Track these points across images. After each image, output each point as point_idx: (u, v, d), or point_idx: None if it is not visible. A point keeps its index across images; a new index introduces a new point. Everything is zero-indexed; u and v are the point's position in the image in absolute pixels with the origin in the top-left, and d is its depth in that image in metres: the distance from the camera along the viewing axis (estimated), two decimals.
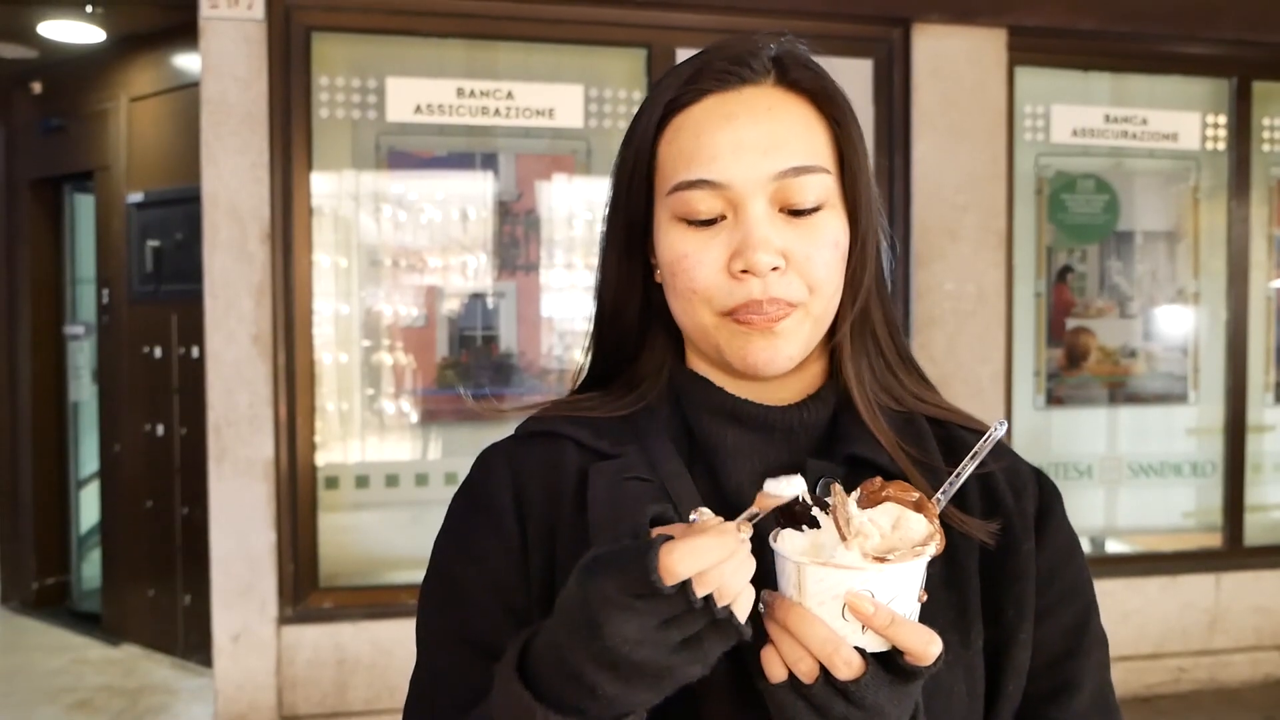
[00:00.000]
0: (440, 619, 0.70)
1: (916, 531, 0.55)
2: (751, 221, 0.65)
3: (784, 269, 0.65)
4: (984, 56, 3.35)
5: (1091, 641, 0.70)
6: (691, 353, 0.74)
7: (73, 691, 3.52)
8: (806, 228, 0.67)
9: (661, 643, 0.51)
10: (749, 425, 0.70)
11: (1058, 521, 0.71)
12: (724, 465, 0.69)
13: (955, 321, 3.34)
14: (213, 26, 2.91)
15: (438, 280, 3.23)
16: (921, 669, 0.53)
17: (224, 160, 2.93)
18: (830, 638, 0.52)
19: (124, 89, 3.90)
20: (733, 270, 0.65)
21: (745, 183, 0.65)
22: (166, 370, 3.79)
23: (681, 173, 0.67)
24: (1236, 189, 3.68)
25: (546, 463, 0.71)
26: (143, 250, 3.84)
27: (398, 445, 3.27)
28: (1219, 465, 3.73)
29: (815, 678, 0.53)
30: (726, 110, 0.67)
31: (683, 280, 0.67)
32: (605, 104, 3.24)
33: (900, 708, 0.54)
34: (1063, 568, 0.70)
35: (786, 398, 0.71)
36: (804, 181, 0.66)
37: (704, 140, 0.67)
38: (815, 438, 0.71)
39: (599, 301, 0.75)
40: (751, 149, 0.66)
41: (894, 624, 0.52)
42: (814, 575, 0.53)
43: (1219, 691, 3.56)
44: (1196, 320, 3.73)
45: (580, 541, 0.66)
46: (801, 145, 0.67)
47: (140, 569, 3.91)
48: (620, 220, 0.72)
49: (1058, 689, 0.68)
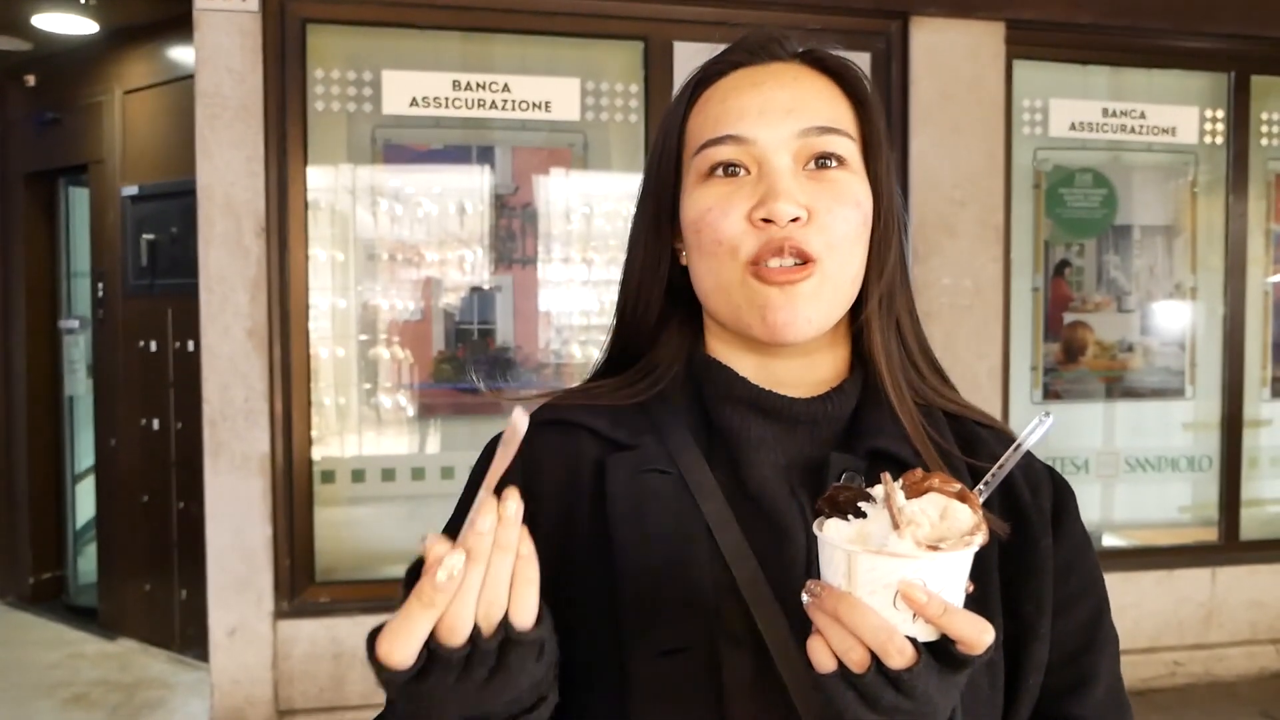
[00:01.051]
0: None
1: (964, 521, 0.54)
2: (775, 174, 0.66)
3: (805, 221, 0.66)
4: (982, 50, 3.34)
5: (1105, 636, 0.71)
6: (711, 339, 0.74)
7: (69, 686, 3.52)
8: (829, 184, 0.67)
9: (469, 693, 0.51)
10: (772, 417, 0.69)
11: (1073, 518, 0.72)
12: (746, 457, 0.69)
13: (952, 316, 3.34)
14: (207, 19, 2.89)
15: (434, 274, 3.22)
16: (973, 658, 0.52)
17: (219, 153, 2.91)
18: (884, 626, 0.51)
19: (118, 82, 3.88)
20: (754, 219, 0.66)
21: (770, 139, 0.67)
22: (162, 364, 3.78)
23: (708, 133, 0.68)
24: (1234, 184, 3.68)
25: (560, 451, 0.70)
26: (138, 244, 3.83)
27: (394, 439, 3.26)
28: (1215, 460, 3.74)
29: (867, 667, 0.52)
30: (754, 79, 0.69)
31: (707, 233, 0.68)
32: (602, 97, 3.22)
33: (947, 698, 0.54)
34: (1079, 563, 0.71)
35: (810, 388, 0.71)
36: (828, 139, 0.67)
37: (730, 103, 0.68)
38: (838, 430, 0.70)
39: (624, 283, 0.75)
40: (777, 108, 0.67)
41: (947, 613, 0.51)
42: (866, 564, 0.52)
43: (1214, 685, 3.57)
44: (1194, 315, 3.73)
45: (600, 534, 0.66)
46: (826, 110, 0.68)
47: (136, 563, 3.90)
48: (650, 201, 0.73)
49: (1075, 683, 0.68)
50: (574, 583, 0.65)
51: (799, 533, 0.66)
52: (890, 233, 0.71)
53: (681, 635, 0.63)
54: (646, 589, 0.64)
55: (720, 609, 0.63)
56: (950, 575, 0.53)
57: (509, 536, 0.51)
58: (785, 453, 0.69)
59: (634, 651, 0.63)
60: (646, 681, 0.62)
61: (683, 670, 0.62)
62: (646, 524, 0.65)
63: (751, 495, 0.67)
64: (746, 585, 0.64)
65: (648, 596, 0.63)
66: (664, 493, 0.66)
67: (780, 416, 0.69)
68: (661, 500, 0.66)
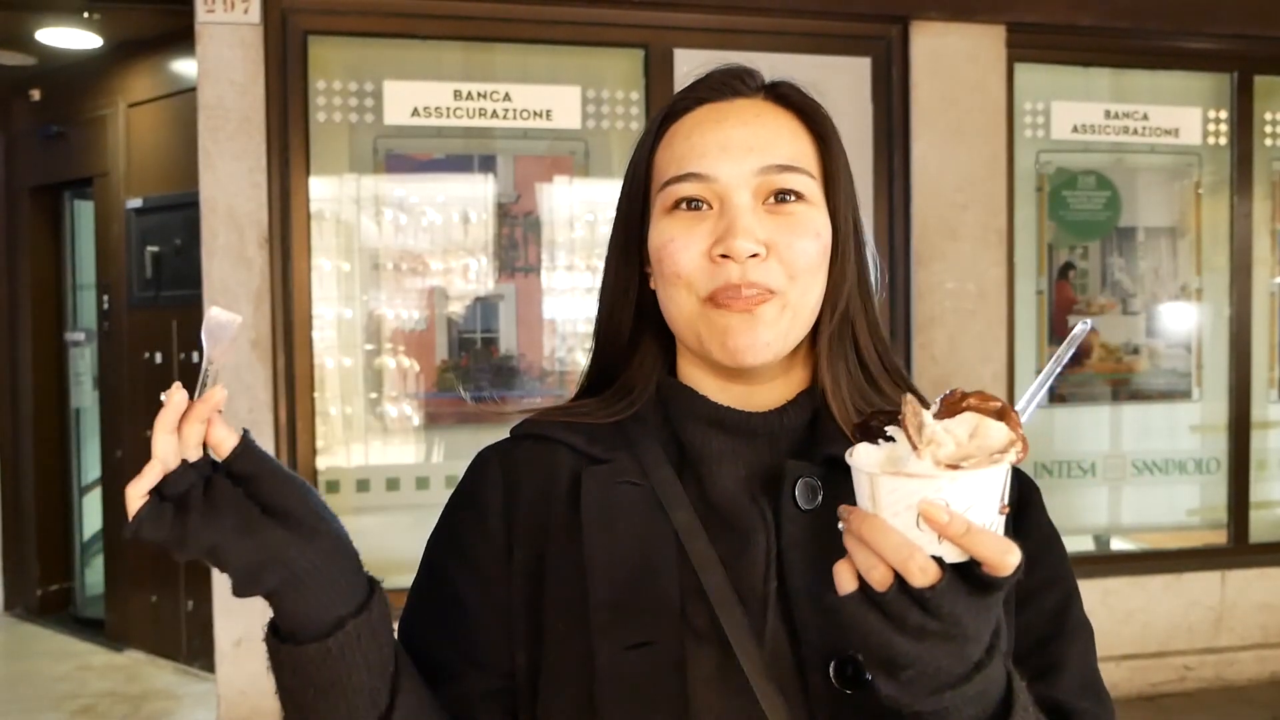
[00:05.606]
0: (422, 604, 0.76)
1: (996, 439, 0.53)
2: (735, 211, 0.69)
3: (764, 257, 0.68)
4: (983, 53, 3.34)
5: (1075, 626, 0.72)
6: (682, 360, 0.77)
7: (76, 698, 3.52)
8: (788, 218, 0.70)
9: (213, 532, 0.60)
10: (732, 431, 0.73)
11: (1037, 512, 0.74)
12: (709, 470, 0.72)
13: (956, 320, 3.33)
14: (209, 31, 2.90)
15: (437, 283, 3.22)
16: (1000, 579, 0.52)
17: (222, 165, 2.92)
18: (904, 544, 0.51)
19: (122, 95, 3.90)
20: (713, 255, 0.69)
21: (731, 176, 0.69)
22: (167, 376, 3.79)
23: (673, 170, 0.71)
24: (1239, 184, 3.66)
25: (540, 464, 0.74)
26: (142, 256, 3.84)
27: (399, 449, 3.26)
28: (1223, 462, 3.71)
29: (889, 585, 0.52)
30: (717, 115, 0.72)
31: (668, 265, 0.71)
32: (603, 105, 3.23)
33: (979, 620, 0.53)
34: (1044, 555, 0.73)
35: (769, 404, 0.74)
36: (787, 177, 0.70)
37: (694, 140, 0.71)
38: (796, 441, 0.73)
39: (599, 306, 0.79)
40: (738, 146, 0.70)
41: (969, 533, 0.51)
42: (886, 485, 0.52)
43: (1225, 690, 3.54)
44: (1199, 317, 3.71)
45: (573, 540, 0.69)
46: (786, 148, 0.71)
47: (143, 575, 3.90)
48: (620, 228, 0.77)
49: (1044, 669, 0.70)
50: (548, 587, 0.70)
51: (760, 537, 0.69)
52: (846, 263, 0.73)
53: (648, 630, 0.66)
54: (616, 590, 0.67)
55: (685, 609, 0.67)
56: (977, 495, 0.52)
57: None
58: (746, 464, 0.72)
59: (602, 646, 0.66)
60: (614, 674, 0.65)
61: (649, 663, 0.66)
62: (618, 531, 0.69)
63: (715, 505, 0.70)
64: (713, 589, 0.67)
65: (617, 596, 0.67)
66: (636, 503, 0.70)
67: (739, 431, 0.72)
68: (633, 510, 0.70)
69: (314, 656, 0.62)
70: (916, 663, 0.52)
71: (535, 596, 0.70)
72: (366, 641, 0.63)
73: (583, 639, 0.67)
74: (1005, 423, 0.54)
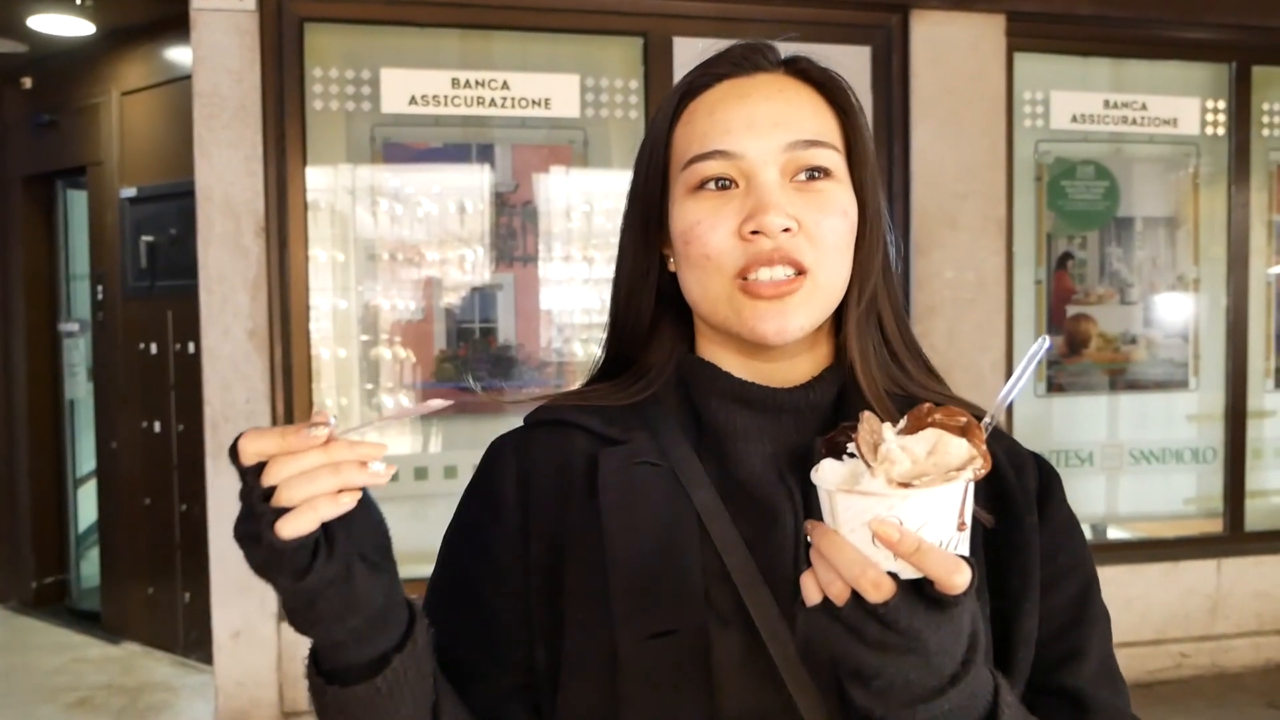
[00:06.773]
0: (440, 601, 0.74)
1: (954, 456, 0.54)
2: (764, 188, 0.67)
3: (795, 232, 0.67)
4: (983, 43, 3.33)
5: (1095, 613, 0.72)
6: (701, 339, 0.76)
7: (73, 690, 3.51)
8: (816, 195, 0.69)
9: (244, 527, 0.59)
10: (758, 408, 0.71)
11: (1058, 500, 0.74)
12: (735, 448, 0.71)
13: (955, 310, 3.33)
14: (204, 18, 2.87)
15: (434, 273, 3.21)
16: (950, 598, 0.52)
17: (217, 154, 2.90)
18: (857, 560, 0.52)
19: (115, 83, 3.86)
20: (743, 233, 0.67)
21: (758, 154, 0.68)
22: (163, 366, 3.77)
23: (696, 148, 0.70)
24: (1236, 174, 3.67)
25: (555, 450, 0.72)
26: (137, 246, 3.81)
27: (396, 439, 3.26)
28: (1220, 451, 3.73)
29: (846, 599, 0.53)
30: (740, 91, 0.70)
31: (696, 247, 0.69)
32: (602, 93, 3.21)
33: (942, 635, 0.53)
34: (1066, 543, 0.72)
35: (794, 382, 0.73)
36: (814, 153, 0.69)
37: (718, 116, 0.69)
38: (822, 418, 0.72)
39: (615, 291, 0.77)
40: (764, 122, 0.69)
41: (920, 550, 0.51)
42: (843, 503, 0.54)
43: (1221, 677, 3.56)
44: (1197, 306, 3.72)
45: (591, 526, 0.68)
46: (811, 122, 0.70)
47: (139, 566, 3.89)
48: (637, 209, 0.75)
49: (1066, 656, 0.70)
50: (567, 577, 0.68)
51: (788, 517, 0.67)
52: (875, 239, 0.73)
53: (671, 618, 0.65)
54: (637, 575, 0.66)
55: (710, 593, 0.66)
56: (931, 512, 0.53)
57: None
58: (773, 441, 0.71)
59: (624, 635, 0.64)
60: (636, 664, 0.64)
61: (672, 652, 0.64)
62: (637, 513, 0.67)
63: (740, 483, 0.69)
64: (737, 570, 0.66)
65: (638, 582, 0.66)
66: (655, 484, 0.68)
67: (765, 407, 0.71)
68: (652, 491, 0.68)
69: (362, 696, 0.60)
70: (881, 674, 0.53)
71: (554, 587, 0.69)
72: (413, 675, 0.61)
73: (604, 629, 0.65)
74: (968, 439, 0.54)
